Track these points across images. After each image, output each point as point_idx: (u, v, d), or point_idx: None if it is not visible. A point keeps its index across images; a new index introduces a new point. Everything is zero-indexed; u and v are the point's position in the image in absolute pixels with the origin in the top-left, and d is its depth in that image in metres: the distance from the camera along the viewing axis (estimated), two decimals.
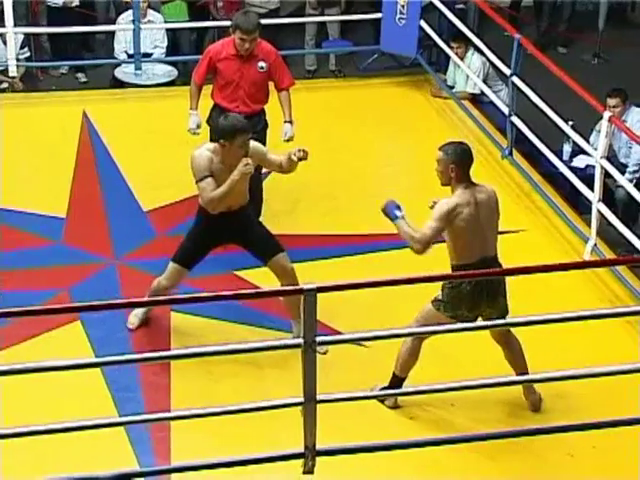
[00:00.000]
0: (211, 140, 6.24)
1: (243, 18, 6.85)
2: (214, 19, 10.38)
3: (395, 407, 5.73)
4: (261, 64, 6.89)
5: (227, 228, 5.99)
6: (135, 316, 6.28)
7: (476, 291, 5.42)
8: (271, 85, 7.06)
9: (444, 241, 5.52)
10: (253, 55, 6.85)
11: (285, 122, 6.97)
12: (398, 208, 5.47)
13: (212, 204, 5.85)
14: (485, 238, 5.47)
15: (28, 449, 5.02)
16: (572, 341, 6.07)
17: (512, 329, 5.62)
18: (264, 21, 9.96)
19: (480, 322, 5.47)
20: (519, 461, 5.41)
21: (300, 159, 5.87)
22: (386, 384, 5.67)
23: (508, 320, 5.47)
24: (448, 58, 9.33)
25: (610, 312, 5.60)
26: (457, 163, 5.43)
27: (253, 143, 5.94)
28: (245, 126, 5.84)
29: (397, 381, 5.64)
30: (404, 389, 5.61)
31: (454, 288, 5.44)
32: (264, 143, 6.73)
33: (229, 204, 5.93)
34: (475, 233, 5.42)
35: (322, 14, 10.57)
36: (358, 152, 8.31)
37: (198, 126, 7.05)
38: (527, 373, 5.62)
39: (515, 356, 5.66)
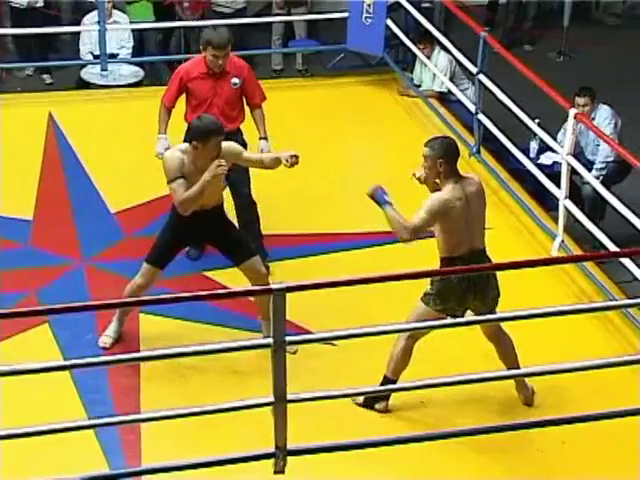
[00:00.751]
0: (185, 141, 6.20)
1: (213, 33, 6.57)
2: (180, 19, 10.35)
3: (386, 411, 5.68)
4: (234, 80, 6.65)
5: (200, 227, 5.97)
6: (107, 336, 6.19)
7: (464, 283, 5.41)
8: None
9: (432, 236, 5.51)
10: (225, 72, 6.61)
11: (260, 139, 6.80)
12: (386, 194, 5.44)
13: (184, 205, 5.83)
14: (474, 231, 5.46)
15: None
16: (541, 336, 6.10)
17: (502, 325, 5.62)
18: (230, 21, 10.08)
19: (451, 320, 5.48)
20: (499, 458, 5.43)
21: (292, 165, 5.88)
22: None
23: (478, 318, 5.48)
24: (415, 57, 9.35)
25: (578, 308, 5.64)
26: (445, 158, 5.41)
27: (226, 143, 5.90)
28: (218, 128, 5.80)
29: (388, 383, 5.59)
30: (379, 387, 5.61)
31: (443, 280, 5.42)
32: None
33: (203, 203, 5.90)
34: (464, 227, 5.41)
35: (289, 14, 10.56)
36: (326, 151, 8.31)
37: (166, 149, 6.66)
38: (519, 369, 5.59)
39: (507, 352, 5.65)
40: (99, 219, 7.37)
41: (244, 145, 6.70)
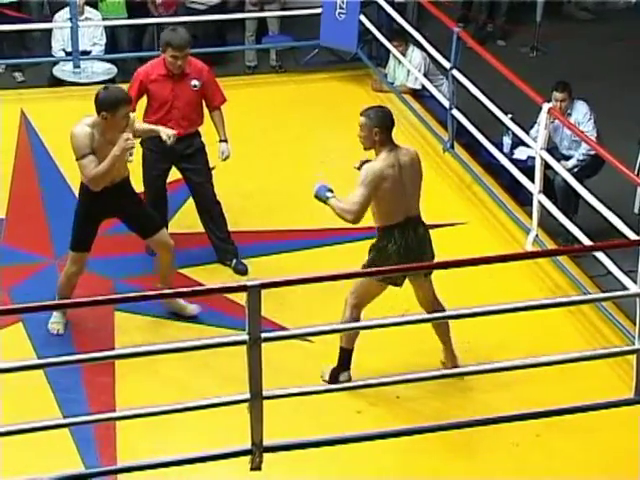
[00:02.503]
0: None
1: (173, 35, 6.56)
2: (153, 16, 10.30)
3: (349, 381, 5.76)
4: (194, 82, 6.61)
5: (109, 202, 6.01)
6: (57, 323, 6.21)
7: (401, 250, 5.56)
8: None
9: None
10: (185, 74, 6.59)
11: (220, 141, 6.77)
12: (329, 190, 5.62)
13: (95, 181, 5.86)
14: (408, 199, 5.61)
15: None
16: (515, 330, 6.12)
17: (438, 296, 5.80)
18: (205, 17, 10.05)
19: (425, 315, 5.54)
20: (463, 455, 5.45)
21: (169, 143, 6.07)
22: (333, 364, 5.76)
23: (453, 312, 5.46)
24: (389, 53, 9.35)
25: (550, 302, 5.65)
26: (380, 126, 5.56)
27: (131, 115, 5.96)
28: (127, 97, 5.88)
29: (345, 353, 5.75)
30: (351, 383, 5.62)
31: (380, 250, 5.59)
32: (205, 165, 6.72)
33: (112, 177, 5.93)
34: (399, 195, 5.56)
35: (262, 10, 10.54)
36: (300, 147, 8.30)
37: (131, 154, 6.51)
38: (449, 340, 5.84)
39: (441, 324, 5.82)
40: (72, 217, 7.30)
41: (202, 147, 6.74)
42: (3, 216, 7.29)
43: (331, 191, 5.62)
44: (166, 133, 6.12)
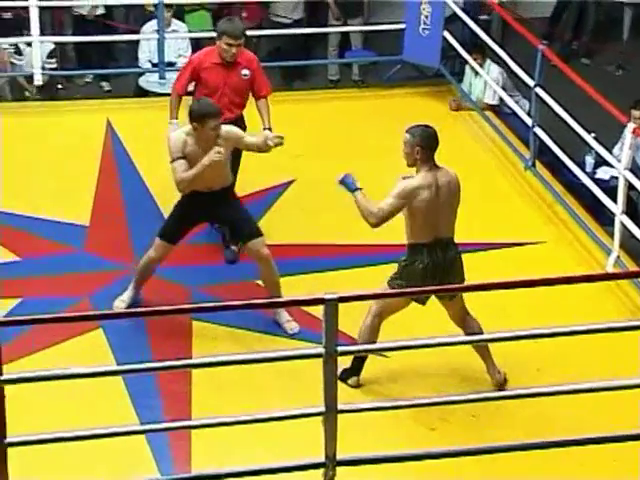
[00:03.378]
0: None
1: (229, 24, 6.93)
2: None
3: (357, 386, 5.85)
4: (244, 71, 6.93)
5: (206, 207, 6.26)
6: (122, 301, 6.46)
7: (428, 270, 5.62)
8: None
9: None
10: (236, 62, 6.89)
11: (264, 129, 6.93)
12: (355, 181, 5.74)
13: (181, 185, 6.15)
14: (441, 220, 5.67)
15: (48, 456, 5.03)
16: (592, 352, 6.04)
17: (471, 312, 5.83)
18: (290, 31, 10.13)
19: (490, 335, 5.52)
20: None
21: (276, 145, 6.18)
22: (348, 366, 5.84)
23: (530, 331, 5.41)
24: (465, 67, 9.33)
25: (631, 325, 5.56)
26: (422, 145, 5.65)
27: (227, 127, 6.19)
28: (216, 111, 6.11)
29: (360, 358, 5.84)
30: (429, 400, 5.59)
31: (407, 266, 5.67)
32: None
33: (208, 185, 6.17)
34: (432, 215, 5.62)
35: (345, 24, 10.58)
36: (380, 162, 8.29)
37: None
38: (489, 353, 5.82)
39: (469, 329, 5.81)
40: (153, 225, 7.38)
41: (244, 130, 6.90)
42: (86, 223, 7.41)
43: (358, 186, 5.74)
44: (273, 142, 6.22)
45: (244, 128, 6.89)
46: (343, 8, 10.54)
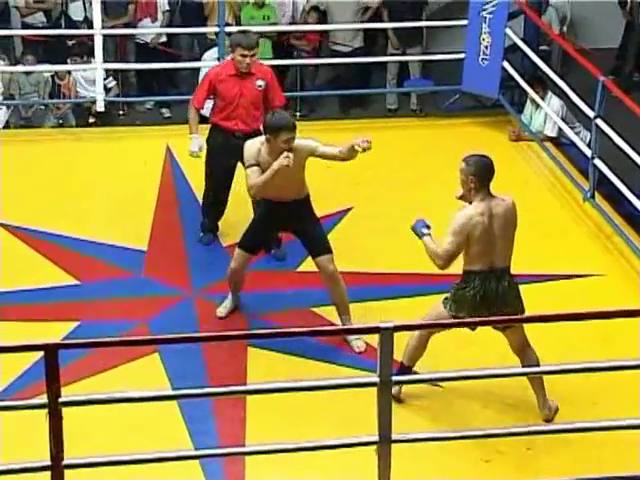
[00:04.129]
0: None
1: (242, 36, 7.13)
2: (294, 52, 10.49)
3: (398, 399, 5.79)
4: (259, 82, 7.10)
5: (281, 217, 6.41)
6: (224, 307, 6.70)
7: (478, 298, 5.61)
8: None
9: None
10: (251, 73, 7.08)
11: None
12: (427, 227, 5.80)
13: (252, 190, 6.29)
14: (496, 249, 5.65)
15: (103, 479, 5.07)
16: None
17: (528, 341, 5.76)
18: (349, 60, 10.18)
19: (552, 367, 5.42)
20: None
21: (364, 149, 6.15)
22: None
23: (577, 366, 5.30)
24: (526, 99, 9.29)
25: None
26: (476, 175, 5.66)
27: (302, 140, 6.25)
28: (290, 124, 6.19)
29: (405, 370, 5.84)
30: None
31: (459, 290, 5.68)
32: None
33: (281, 196, 6.30)
34: (486, 243, 5.61)
35: (404, 54, 10.60)
36: (437, 192, 8.28)
37: (200, 149, 7.28)
38: (543, 387, 5.76)
39: (528, 361, 5.75)
40: (210, 252, 7.47)
41: None
42: (144, 248, 7.48)
43: (428, 227, 5.80)
44: (362, 147, 6.17)
45: None
46: (402, 37, 10.57)
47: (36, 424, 4.30)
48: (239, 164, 7.02)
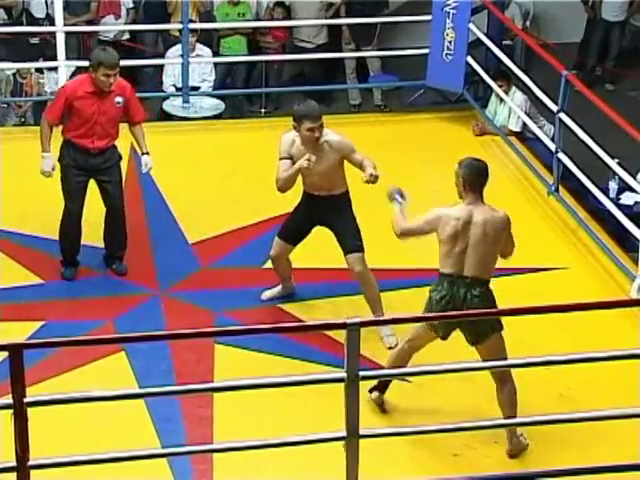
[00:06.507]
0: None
1: (105, 54, 6.77)
2: (262, 49, 10.49)
3: (380, 402, 5.83)
4: (118, 99, 6.83)
5: (316, 210, 6.47)
6: (271, 292, 6.84)
7: (443, 302, 5.53)
8: None
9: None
10: (110, 91, 6.80)
11: (143, 154, 7.03)
12: (401, 196, 5.94)
13: (277, 183, 6.36)
14: (468, 257, 5.54)
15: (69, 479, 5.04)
16: (613, 380, 6.00)
17: (513, 372, 5.54)
18: (308, 56, 10.18)
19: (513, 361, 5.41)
20: None
21: (368, 182, 6.24)
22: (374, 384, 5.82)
23: (553, 357, 5.39)
24: (492, 92, 9.33)
25: None
26: (465, 178, 5.62)
27: (340, 138, 6.36)
28: (313, 114, 6.23)
29: (383, 382, 5.81)
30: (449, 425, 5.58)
31: (431, 291, 5.63)
32: (119, 178, 7.01)
33: (315, 189, 6.42)
34: (455, 247, 5.54)
35: (357, 49, 10.61)
36: (402, 186, 8.28)
37: (53, 168, 6.91)
38: (514, 418, 5.49)
39: (505, 398, 5.55)
40: (177, 250, 7.44)
41: (120, 157, 7.03)
42: None
43: (403, 197, 5.92)
44: (368, 173, 6.26)
45: (118, 158, 6.97)
46: (355, 33, 10.59)
47: (1, 425, 4.26)
48: (91, 181, 6.93)
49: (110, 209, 7.06)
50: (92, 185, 7.02)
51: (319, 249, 6.91)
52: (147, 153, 7.05)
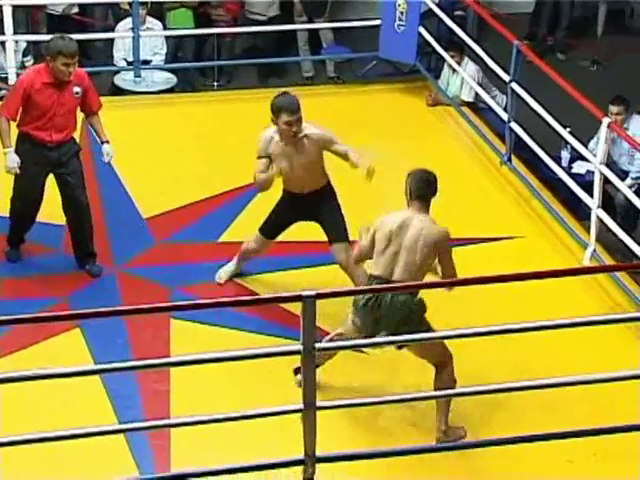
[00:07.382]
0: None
1: (64, 43, 6.49)
2: (213, 22, 10.40)
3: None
4: (76, 89, 6.59)
5: (302, 209, 6.40)
6: (224, 272, 6.71)
7: (369, 303, 5.44)
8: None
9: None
10: (68, 81, 6.55)
11: (103, 143, 6.82)
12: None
13: (255, 184, 6.33)
14: (392, 262, 5.48)
15: (27, 457, 5.02)
16: (571, 348, 6.07)
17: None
18: (260, 28, 10.12)
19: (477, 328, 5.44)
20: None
21: (367, 177, 6.19)
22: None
23: (506, 326, 5.43)
24: (444, 63, 9.34)
25: (608, 318, 5.60)
26: (410, 186, 5.58)
27: (319, 131, 6.30)
28: (290, 106, 6.15)
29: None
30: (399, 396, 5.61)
31: (355, 298, 5.54)
32: (80, 170, 6.80)
33: (299, 189, 6.35)
34: (389, 249, 5.50)
35: (310, 21, 10.58)
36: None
37: (18, 164, 6.61)
38: (447, 409, 5.49)
39: (438, 383, 5.54)
40: (131, 225, 7.40)
41: (79, 149, 6.84)
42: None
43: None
44: (357, 160, 6.24)
45: (78, 150, 6.79)
46: (307, 6, 10.55)
47: None
48: (50, 175, 6.74)
49: (73, 203, 6.81)
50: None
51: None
52: (107, 142, 6.82)
